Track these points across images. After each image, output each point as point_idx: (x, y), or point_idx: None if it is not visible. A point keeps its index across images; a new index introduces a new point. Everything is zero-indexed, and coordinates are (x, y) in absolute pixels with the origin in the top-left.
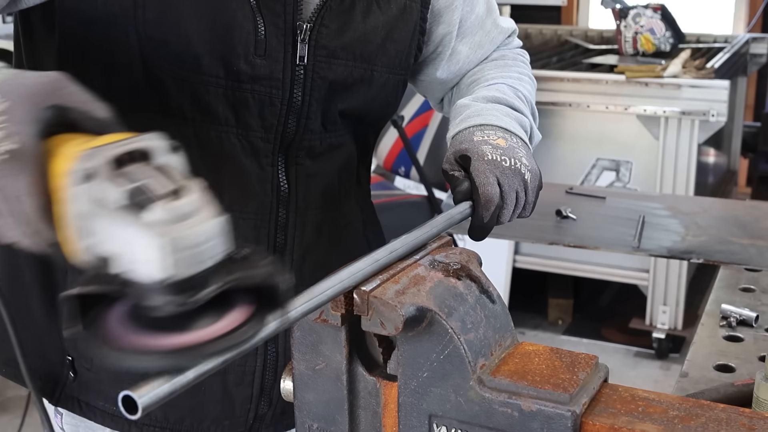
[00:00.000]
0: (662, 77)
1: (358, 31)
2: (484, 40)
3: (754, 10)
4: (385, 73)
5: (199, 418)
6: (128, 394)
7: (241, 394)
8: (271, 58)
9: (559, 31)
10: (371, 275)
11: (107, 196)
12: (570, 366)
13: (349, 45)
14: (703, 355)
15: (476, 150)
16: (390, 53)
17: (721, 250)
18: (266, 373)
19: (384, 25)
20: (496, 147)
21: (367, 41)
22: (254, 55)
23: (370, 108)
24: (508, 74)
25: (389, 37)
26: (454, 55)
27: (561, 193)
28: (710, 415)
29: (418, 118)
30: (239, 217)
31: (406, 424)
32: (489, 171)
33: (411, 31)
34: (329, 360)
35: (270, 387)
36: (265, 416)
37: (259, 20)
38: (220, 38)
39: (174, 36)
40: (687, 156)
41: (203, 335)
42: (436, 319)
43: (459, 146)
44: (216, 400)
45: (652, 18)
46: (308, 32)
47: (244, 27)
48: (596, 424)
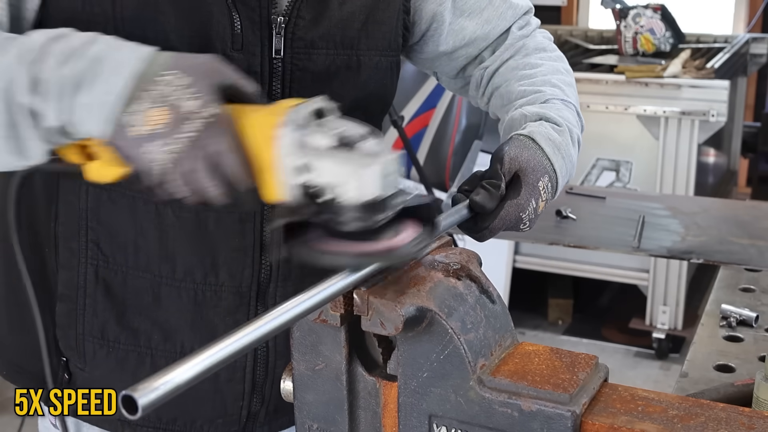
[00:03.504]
0: (662, 77)
1: (335, 18)
2: (492, 16)
3: (754, 10)
4: (374, 56)
5: (192, 416)
6: (128, 394)
7: (232, 390)
8: (249, 52)
9: (559, 31)
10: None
11: (319, 141)
12: (570, 366)
13: (327, 34)
14: (703, 355)
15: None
16: (375, 36)
17: (721, 250)
18: (257, 369)
19: (362, 8)
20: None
21: (346, 27)
22: (231, 49)
23: (365, 93)
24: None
25: (371, 19)
26: (459, 31)
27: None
28: (710, 415)
29: (418, 119)
30: (223, 210)
31: (406, 424)
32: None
33: (395, 11)
34: (329, 360)
35: (261, 383)
36: (258, 414)
37: (235, 15)
38: (198, 33)
39: (152, 32)
40: (687, 156)
41: (393, 243)
42: (436, 319)
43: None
44: (208, 398)
45: (652, 18)
46: (283, 25)
47: (221, 22)
48: (596, 424)
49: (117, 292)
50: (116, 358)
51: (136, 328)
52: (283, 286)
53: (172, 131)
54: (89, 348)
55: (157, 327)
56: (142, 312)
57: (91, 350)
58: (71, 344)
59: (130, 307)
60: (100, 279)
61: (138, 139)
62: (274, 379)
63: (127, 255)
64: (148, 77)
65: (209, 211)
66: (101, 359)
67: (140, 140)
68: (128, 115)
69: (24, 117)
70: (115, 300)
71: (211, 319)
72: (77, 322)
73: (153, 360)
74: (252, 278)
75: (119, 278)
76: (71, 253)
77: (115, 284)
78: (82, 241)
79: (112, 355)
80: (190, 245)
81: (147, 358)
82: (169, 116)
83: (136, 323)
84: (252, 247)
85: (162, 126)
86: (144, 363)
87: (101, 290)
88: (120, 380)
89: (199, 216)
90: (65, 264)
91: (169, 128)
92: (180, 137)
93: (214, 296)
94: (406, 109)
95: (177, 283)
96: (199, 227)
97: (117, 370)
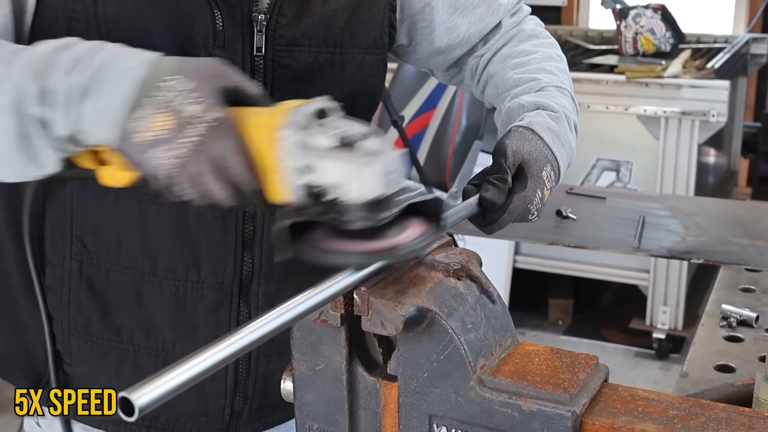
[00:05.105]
0: (662, 77)
1: (317, 16)
2: (485, 13)
3: (755, 10)
4: (358, 54)
5: (174, 414)
6: (125, 396)
7: (215, 389)
8: (230, 49)
9: (559, 31)
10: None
11: (321, 141)
12: (570, 366)
13: (310, 31)
14: (703, 355)
15: (538, 178)
16: (359, 34)
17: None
18: (239, 368)
19: (345, 6)
20: (548, 180)
21: (329, 25)
22: (213, 46)
23: (350, 91)
24: (556, 64)
25: (355, 17)
26: (453, 29)
27: (561, 194)
28: (710, 415)
29: (418, 119)
30: (213, 209)
31: (406, 424)
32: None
33: (380, 9)
34: (329, 360)
35: (244, 381)
36: (241, 413)
37: (217, 12)
38: (179, 30)
39: (133, 31)
40: (687, 156)
41: (398, 240)
42: (437, 320)
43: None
44: (190, 396)
45: (653, 18)
46: (264, 23)
47: (203, 19)
48: (596, 424)
49: (100, 288)
50: (99, 354)
51: (119, 325)
52: (265, 283)
53: (175, 136)
54: (74, 343)
55: (139, 323)
56: (124, 308)
57: (76, 345)
58: (58, 338)
59: (113, 304)
60: (84, 275)
61: (143, 144)
62: (257, 377)
63: (110, 251)
64: (152, 83)
65: (190, 207)
66: (85, 354)
67: (146, 146)
68: (133, 122)
69: (35, 128)
70: (98, 296)
71: (193, 316)
72: (62, 317)
73: (135, 356)
74: (234, 275)
75: (102, 274)
76: (56, 249)
77: (98, 280)
78: (67, 237)
79: (96, 351)
80: (172, 241)
81: (129, 354)
82: (172, 121)
83: (119, 319)
84: (234, 243)
85: (166, 131)
86: (126, 359)
87: (85, 286)
88: (103, 376)
89: (181, 212)
90: (51, 260)
91: (173, 133)
92: (184, 142)
93: (195, 293)
94: (407, 109)
95: (159, 279)
96: (180, 223)
97: (100, 365)
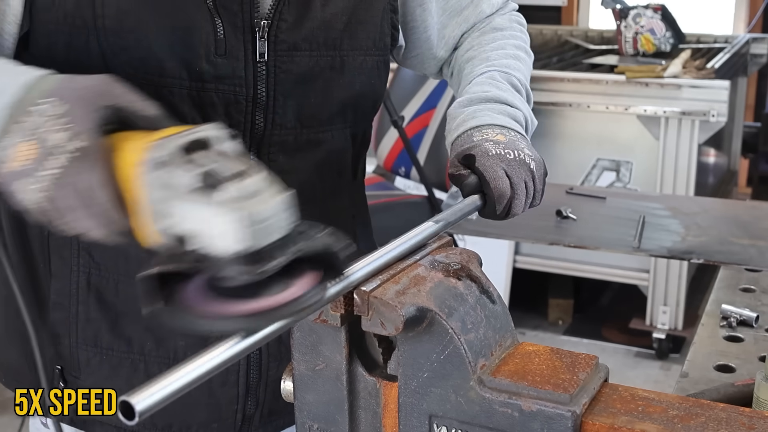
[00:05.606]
0: (662, 77)
1: (317, 20)
2: (471, 14)
3: (755, 10)
4: (358, 56)
5: (187, 422)
6: (125, 400)
7: (226, 394)
8: (233, 57)
9: (559, 31)
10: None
11: (181, 180)
12: (570, 366)
13: (310, 35)
14: (703, 355)
15: (479, 148)
16: (358, 36)
17: (721, 251)
18: (251, 372)
19: (345, 9)
20: (497, 142)
21: (329, 28)
22: (215, 54)
23: (352, 93)
24: (505, 51)
25: (353, 20)
26: (442, 29)
27: (561, 194)
28: (710, 415)
29: (418, 119)
30: None
31: (406, 424)
32: (496, 165)
33: (379, 10)
34: (329, 360)
35: (255, 386)
36: (253, 417)
37: (218, 20)
38: (180, 40)
39: (134, 42)
40: (687, 156)
41: (276, 301)
42: (437, 320)
43: (460, 148)
44: (202, 403)
45: (653, 18)
46: (266, 29)
47: (204, 28)
48: (596, 424)
49: (109, 300)
50: (110, 366)
51: (129, 335)
52: None
53: (37, 168)
54: (83, 356)
55: (149, 333)
56: (134, 319)
57: (85, 358)
58: (65, 353)
59: (123, 314)
60: (92, 287)
61: (11, 175)
62: (268, 381)
63: (118, 262)
64: (23, 107)
65: None
66: (95, 367)
67: (13, 176)
68: (1, 150)
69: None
70: (107, 307)
71: None
72: (71, 331)
73: (146, 366)
74: None
75: (111, 285)
76: (63, 261)
77: (107, 292)
78: (74, 249)
79: (106, 363)
80: None
81: (140, 364)
82: (36, 151)
83: (129, 330)
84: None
85: (30, 162)
86: (138, 369)
87: (93, 298)
88: (114, 387)
89: None
90: (57, 273)
91: (35, 164)
92: (44, 174)
93: None
94: (407, 109)
95: None
96: None
97: (111, 377)
